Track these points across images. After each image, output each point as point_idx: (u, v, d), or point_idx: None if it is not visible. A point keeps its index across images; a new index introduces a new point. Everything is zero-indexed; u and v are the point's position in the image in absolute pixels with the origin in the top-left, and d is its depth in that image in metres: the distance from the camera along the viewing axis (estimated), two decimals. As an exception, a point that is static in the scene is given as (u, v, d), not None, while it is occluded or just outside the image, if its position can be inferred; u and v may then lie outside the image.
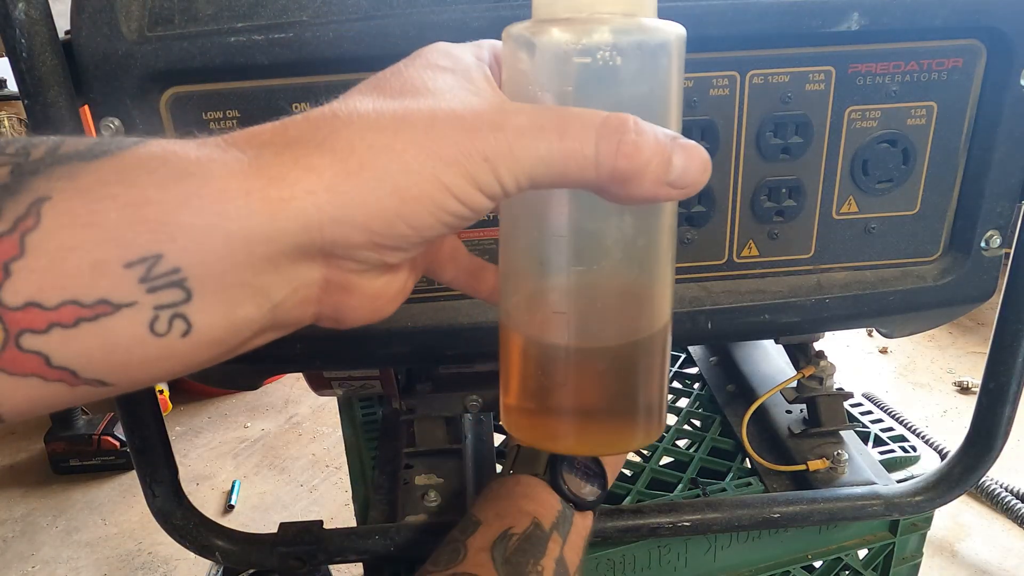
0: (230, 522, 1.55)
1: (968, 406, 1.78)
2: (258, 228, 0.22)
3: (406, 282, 0.31)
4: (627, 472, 0.76)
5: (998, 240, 0.55)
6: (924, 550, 0.74)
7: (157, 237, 0.21)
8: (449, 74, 0.28)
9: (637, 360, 0.31)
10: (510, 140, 0.25)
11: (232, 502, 1.63)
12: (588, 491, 0.56)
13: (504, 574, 0.48)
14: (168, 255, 0.21)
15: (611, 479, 0.59)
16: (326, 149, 0.24)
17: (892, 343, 2.09)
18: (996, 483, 1.48)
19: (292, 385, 2.02)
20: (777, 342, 0.67)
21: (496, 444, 0.77)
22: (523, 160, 0.25)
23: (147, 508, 0.59)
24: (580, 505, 0.55)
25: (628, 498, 0.70)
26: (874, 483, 0.67)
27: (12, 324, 0.20)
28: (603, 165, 0.26)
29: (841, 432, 0.73)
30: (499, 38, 0.33)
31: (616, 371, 0.31)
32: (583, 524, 0.55)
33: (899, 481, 0.67)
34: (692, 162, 0.27)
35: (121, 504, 1.66)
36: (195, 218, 0.22)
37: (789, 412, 0.76)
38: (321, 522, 0.63)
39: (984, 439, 0.62)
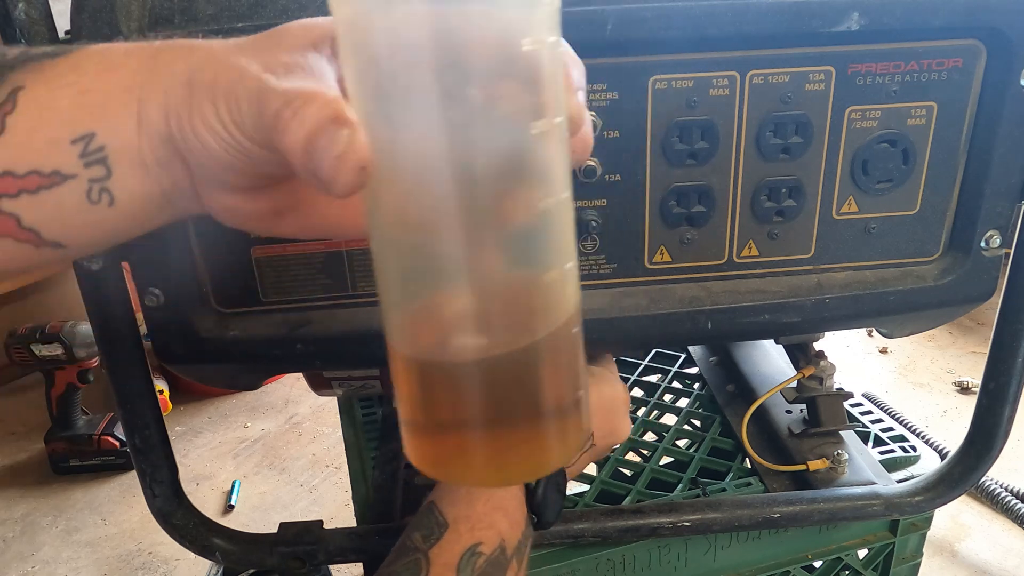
0: (230, 522, 1.55)
1: (968, 406, 1.78)
2: (147, 117, 0.26)
3: (266, 210, 0.30)
4: (627, 472, 0.76)
5: (998, 240, 0.55)
6: (924, 550, 0.74)
7: (93, 118, 0.26)
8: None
9: (544, 363, 0.27)
10: (244, 85, 0.26)
11: (232, 502, 1.63)
12: (553, 515, 0.54)
13: None
14: (98, 134, 0.26)
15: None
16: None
17: (892, 343, 2.09)
18: (996, 483, 1.48)
19: (292, 385, 2.02)
20: (777, 342, 0.67)
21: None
22: (243, 108, 0.26)
23: (147, 508, 0.59)
24: (542, 525, 0.53)
25: (628, 498, 0.70)
26: (874, 483, 0.67)
27: None
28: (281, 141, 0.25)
29: (841, 432, 0.73)
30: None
31: (521, 379, 0.27)
32: (530, 541, 0.53)
33: (899, 481, 0.67)
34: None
35: (121, 504, 1.66)
36: (115, 105, 0.26)
37: (789, 412, 0.76)
38: (321, 522, 0.63)
39: (984, 439, 0.62)
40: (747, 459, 0.73)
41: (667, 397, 0.88)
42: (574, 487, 0.73)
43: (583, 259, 0.54)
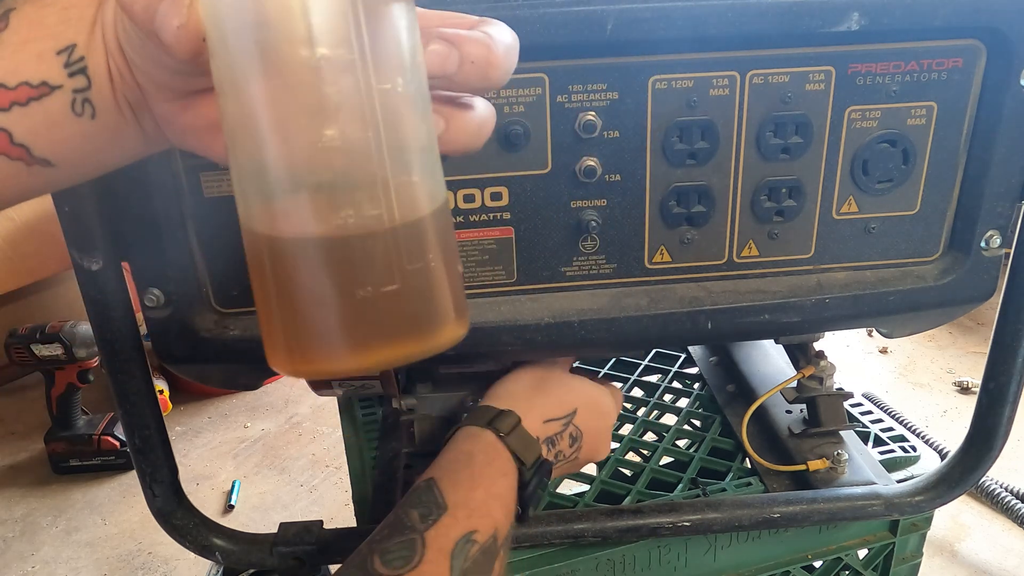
0: (230, 522, 1.55)
1: (968, 406, 1.78)
2: (105, 26, 0.28)
3: (200, 123, 0.30)
4: (627, 472, 0.76)
5: (998, 240, 0.55)
6: (924, 550, 0.74)
7: (74, 30, 0.28)
8: None
9: (407, 247, 0.27)
10: None
11: (232, 502, 1.63)
12: (535, 506, 0.55)
13: None
14: (78, 45, 0.28)
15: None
16: None
17: (892, 343, 2.09)
18: (996, 483, 1.48)
19: (292, 385, 2.02)
20: (777, 342, 0.67)
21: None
22: None
23: (147, 508, 0.59)
24: (523, 518, 0.54)
25: (628, 498, 0.70)
26: (874, 483, 0.67)
27: None
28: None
29: (841, 432, 0.73)
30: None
31: (380, 261, 0.27)
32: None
33: (899, 481, 0.67)
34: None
35: (121, 504, 1.66)
36: (88, 17, 0.28)
37: (789, 412, 0.76)
38: (321, 522, 0.63)
39: (984, 439, 0.62)
40: (747, 459, 0.73)
41: (667, 397, 0.88)
42: (574, 487, 0.73)
43: (583, 259, 0.54)
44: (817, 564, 0.73)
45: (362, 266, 0.27)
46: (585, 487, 0.72)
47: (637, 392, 0.89)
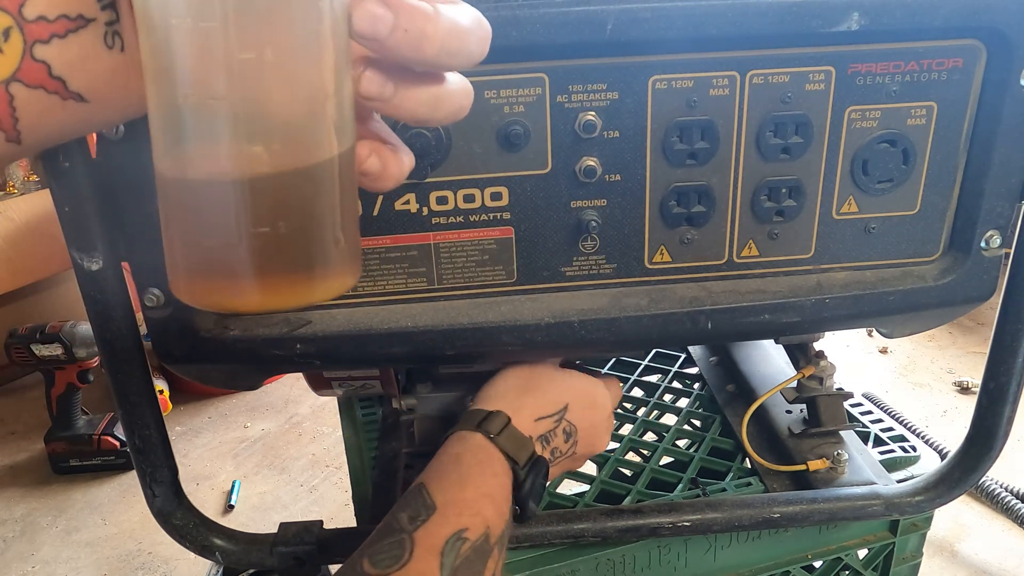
0: (230, 522, 1.55)
1: (968, 406, 1.78)
2: None
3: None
4: (627, 472, 0.76)
5: (998, 240, 0.55)
6: (924, 550, 0.74)
7: None
8: None
9: (301, 192, 0.28)
10: None
11: (232, 502, 1.63)
12: (534, 510, 0.55)
13: None
14: None
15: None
16: None
17: (892, 343, 2.09)
18: (996, 483, 1.48)
19: (292, 385, 2.02)
20: (777, 342, 0.67)
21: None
22: None
23: (147, 508, 0.59)
24: (524, 517, 0.54)
25: (628, 498, 0.70)
26: (874, 483, 0.67)
27: (29, 35, 0.28)
28: None
29: (841, 432, 0.73)
30: (499, 38, 0.32)
31: (276, 204, 0.28)
32: (509, 532, 0.54)
33: (899, 481, 0.67)
34: None
35: (121, 504, 1.66)
36: None
37: (789, 412, 0.76)
38: (321, 522, 0.63)
39: (984, 439, 0.62)
40: (747, 459, 0.73)
41: (667, 397, 0.88)
42: (574, 487, 0.73)
43: (583, 259, 0.54)
44: (817, 564, 0.73)
45: (247, 208, 0.28)
46: (585, 487, 0.72)
47: (637, 392, 0.89)
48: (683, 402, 0.87)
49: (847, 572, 0.74)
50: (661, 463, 0.75)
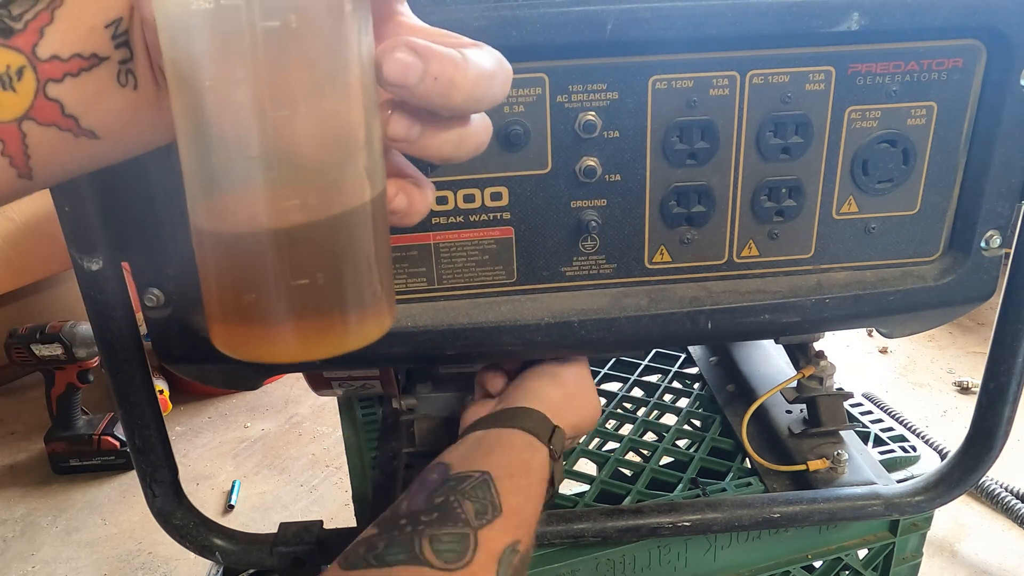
0: (230, 522, 1.55)
1: (968, 406, 1.78)
2: (140, 4, 0.29)
3: (157, 108, 0.31)
4: (627, 472, 0.76)
5: (998, 240, 0.55)
6: (924, 550, 0.74)
7: (121, 6, 0.29)
8: None
9: (339, 240, 0.28)
10: None
11: (232, 502, 1.63)
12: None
13: None
14: (123, 18, 0.29)
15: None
16: None
17: (892, 343, 2.09)
18: (996, 483, 1.48)
19: (292, 385, 2.02)
20: (777, 342, 0.67)
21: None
22: None
23: (147, 508, 0.59)
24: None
25: (628, 498, 0.70)
26: (874, 483, 0.67)
27: (42, 74, 0.28)
28: None
29: (841, 432, 0.73)
30: (499, 38, 0.33)
31: (314, 254, 0.28)
32: None
33: (899, 481, 0.67)
34: None
35: (121, 504, 1.66)
36: None
37: (789, 412, 0.76)
38: (321, 522, 0.63)
39: (984, 439, 0.62)
40: (747, 459, 0.73)
41: (667, 397, 0.88)
42: (574, 487, 0.73)
43: (583, 259, 0.54)
44: (817, 564, 0.73)
45: (285, 260, 0.28)
46: (585, 487, 0.72)
47: (637, 392, 0.89)
48: (683, 402, 0.87)
49: (847, 572, 0.74)
50: (661, 463, 0.75)
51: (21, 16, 0.28)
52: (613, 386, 0.90)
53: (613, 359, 0.93)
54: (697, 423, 0.84)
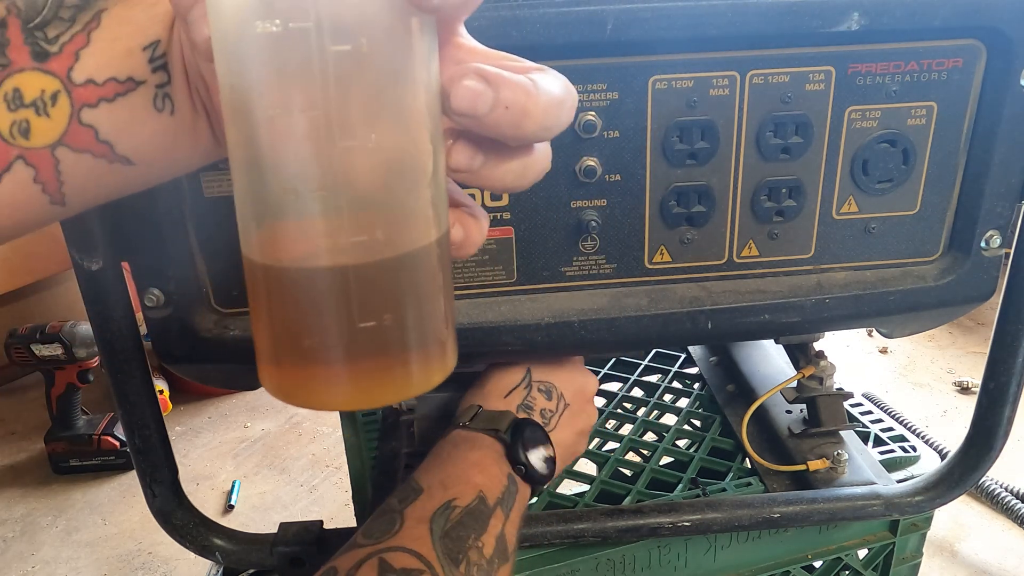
0: (230, 522, 1.55)
1: (968, 406, 1.78)
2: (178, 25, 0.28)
3: (198, 134, 0.30)
4: (627, 472, 0.76)
5: (998, 240, 0.55)
6: (924, 550, 0.74)
7: (160, 27, 0.28)
8: None
9: (406, 280, 0.26)
10: None
11: (232, 502, 1.63)
12: (541, 465, 0.54)
13: (441, 549, 0.45)
14: (162, 41, 0.28)
15: (562, 464, 0.59)
16: None
17: (892, 343, 2.09)
18: (996, 483, 1.48)
19: (292, 385, 2.02)
20: (777, 342, 0.67)
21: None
22: None
23: (147, 508, 0.59)
24: (533, 479, 0.54)
25: (628, 498, 0.70)
26: (874, 483, 0.67)
27: (76, 99, 0.27)
28: None
29: (841, 432, 0.73)
30: (499, 38, 0.32)
31: (377, 292, 0.26)
32: (524, 497, 0.53)
33: (899, 481, 0.67)
34: None
35: (121, 504, 1.66)
36: (170, 14, 0.28)
37: (789, 412, 0.76)
38: (321, 522, 0.63)
39: (984, 439, 0.62)
40: (747, 459, 0.73)
41: (667, 397, 0.88)
42: (574, 487, 0.73)
43: (583, 259, 0.54)
44: (817, 564, 0.73)
45: (351, 301, 0.26)
46: (585, 487, 0.72)
47: (637, 392, 0.89)
48: (683, 402, 0.87)
49: (847, 572, 0.74)
50: (661, 463, 0.75)
51: (57, 39, 0.27)
52: (613, 386, 0.90)
53: (613, 359, 0.93)
54: (697, 423, 0.84)
